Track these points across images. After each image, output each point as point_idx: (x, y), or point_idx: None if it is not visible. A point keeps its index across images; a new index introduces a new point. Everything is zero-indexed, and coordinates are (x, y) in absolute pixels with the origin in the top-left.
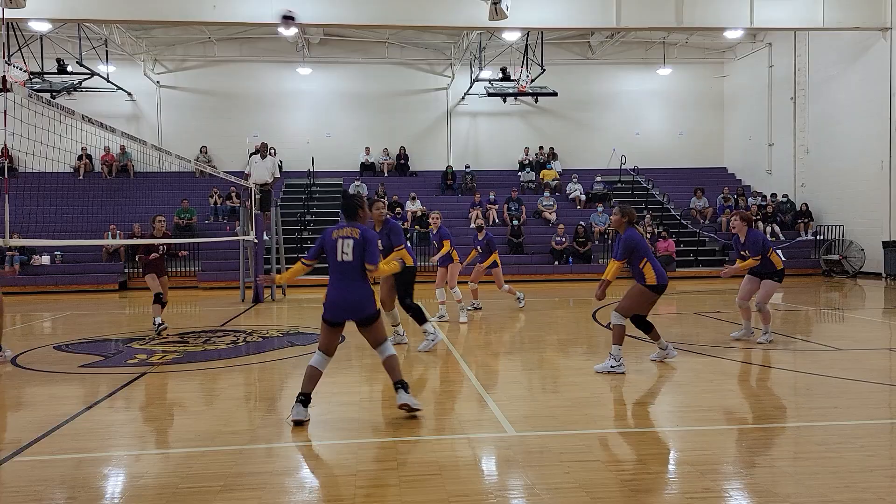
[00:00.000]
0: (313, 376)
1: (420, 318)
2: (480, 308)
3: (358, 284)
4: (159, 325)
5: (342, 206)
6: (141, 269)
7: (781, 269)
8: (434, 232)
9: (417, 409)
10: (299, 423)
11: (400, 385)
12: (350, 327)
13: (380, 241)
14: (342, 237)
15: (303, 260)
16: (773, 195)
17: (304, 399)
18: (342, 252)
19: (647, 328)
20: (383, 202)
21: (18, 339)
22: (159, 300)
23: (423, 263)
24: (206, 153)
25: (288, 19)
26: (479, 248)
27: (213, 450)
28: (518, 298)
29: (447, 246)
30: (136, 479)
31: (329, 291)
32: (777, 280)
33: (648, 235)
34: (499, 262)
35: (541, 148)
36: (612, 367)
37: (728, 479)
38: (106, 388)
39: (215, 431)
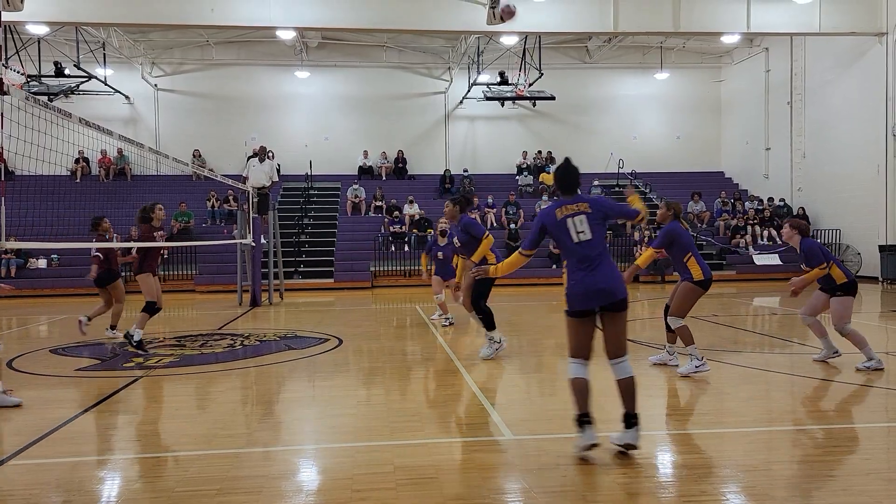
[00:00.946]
0: (583, 390)
1: (490, 323)
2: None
3: (608, 263)
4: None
5: (562, 178)
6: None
7: (845, 283)
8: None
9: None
10: (592, 447)
11: (633, 420)
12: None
13: (456, 239)
14: (570, 215)
15: (521, 251)
16: (770, 199)
17: (587, 419)
18: (577, 232)
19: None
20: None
21: (14, 343)
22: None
23: (419, 267)
24: (200, 156)
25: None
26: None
27: (210, 453)
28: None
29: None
30: (132, 482)
31: (574, 279)
32: (842, 294)
33: (646, 238)
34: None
35: (539, 152)
36: (697, 367)
37: (725, 483)
38: (102, 392)
39: (212, 435)
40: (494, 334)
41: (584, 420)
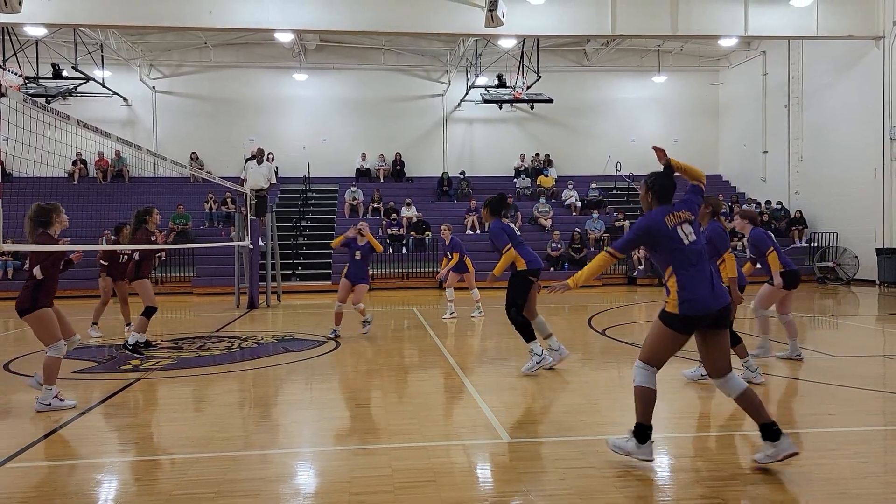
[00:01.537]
0: (653, 401)
1: (527, 334)
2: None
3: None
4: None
5: (662, 188)
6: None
7: (783, 272)
8: (448, 243)
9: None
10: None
11: (774, 430)
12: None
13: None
14: (678, 223)
15: (609, 251)
16: (768, 202)
17: (648, 430)
18: (688, 237)
19: (735, 339)
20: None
21: (11, 345)
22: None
23: (421, 270)
24: (197, 158)
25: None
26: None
27: (207, 456)
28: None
29: (455, 258)
30: (129, 485)
31: (693, 286)
32: (771, 284)
33: None
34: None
35: (536, 154)
36: (703, 375)
37: (723, 486)
38: (99, 394)
39: (209, 437)
40: (535, 346)
41: (648, 432)
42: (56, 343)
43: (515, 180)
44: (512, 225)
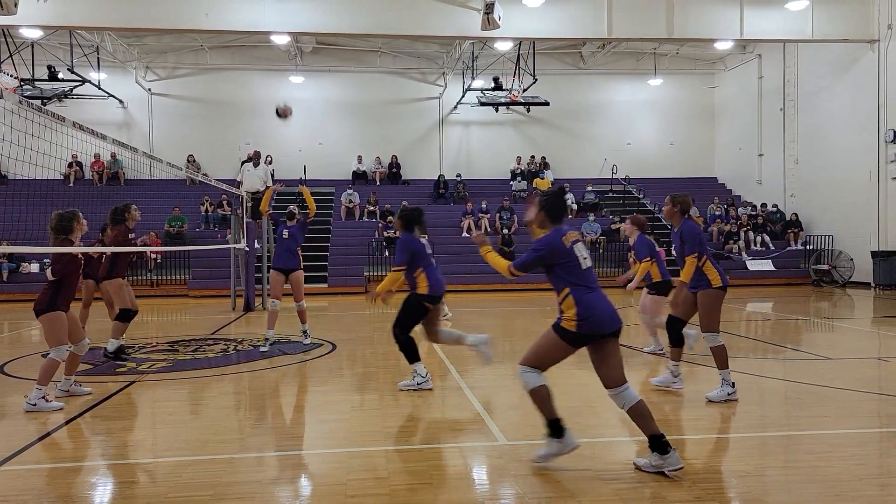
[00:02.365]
0: (551, 395)
1: (411, 355)
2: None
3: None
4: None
5: (555, 208)
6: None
7: (659, 282)
8: None
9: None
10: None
11: (662, 443)
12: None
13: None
14: (573, 242)
15: (510, 268)
16: (763, 205)
17: (560, 423)
18: (583, 258)
19: (678, 342)
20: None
21: (6, 347)
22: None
23: None
24: (194, 161)
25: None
26: None
27: (203, 459)
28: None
29: None
30: (124, 488)
31: (591, 303)
32: (653, 292)
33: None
34: None
35: (532, 157)
36: (729, 393)
37: (719, 488)
38: (94, 397)
39: (205, 440)
40: (418, 367)
41: (560, 425)
42: (59, 346)
43: (512, 183)
44: (425, 242)
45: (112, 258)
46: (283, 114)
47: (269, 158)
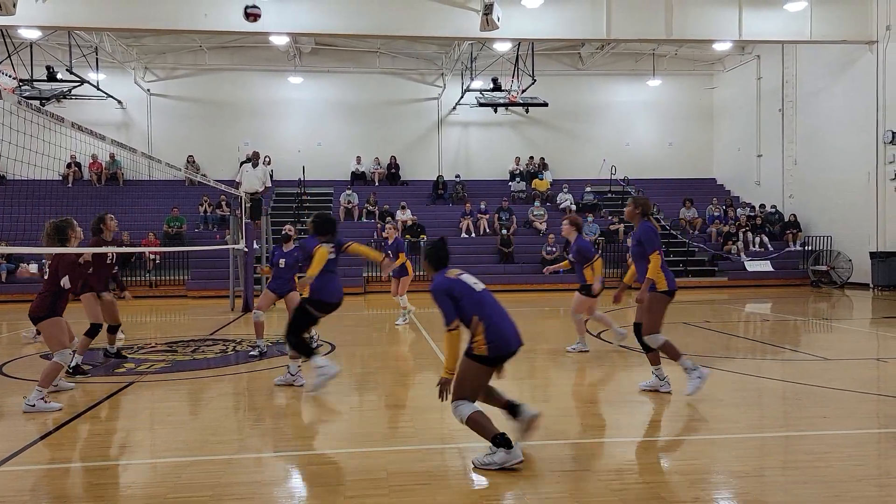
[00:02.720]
0: (486, 416)
1: (306, 352)
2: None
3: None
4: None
5: (438, 258)
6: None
7: (591, 285)
8: (391, 242)
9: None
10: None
11: (505, 439)
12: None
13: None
14: (459, 274)
15: (448, 329)
16: (762, 206)
17: (505, 436)
18: (474, 283)
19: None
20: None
21: (4, 348)
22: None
23: (416, 273)
24: (194, 162)
25: (251, 14)
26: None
27: (202, 459)
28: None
29: (402, 258)
30: (123, 488)
31: (498, 325)
32: (584, 293)
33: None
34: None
35: (531, 158)
36: (698, 377)
37: (717, 489)
38: (93, 398)
39: (203, 441)
40: (316, 360)
41: (507, 437)
42: (63, 350)
43: (510, 184)
44: (330, 249)
45: (90, 271)
46: (251, 15)
47: (267, 159)
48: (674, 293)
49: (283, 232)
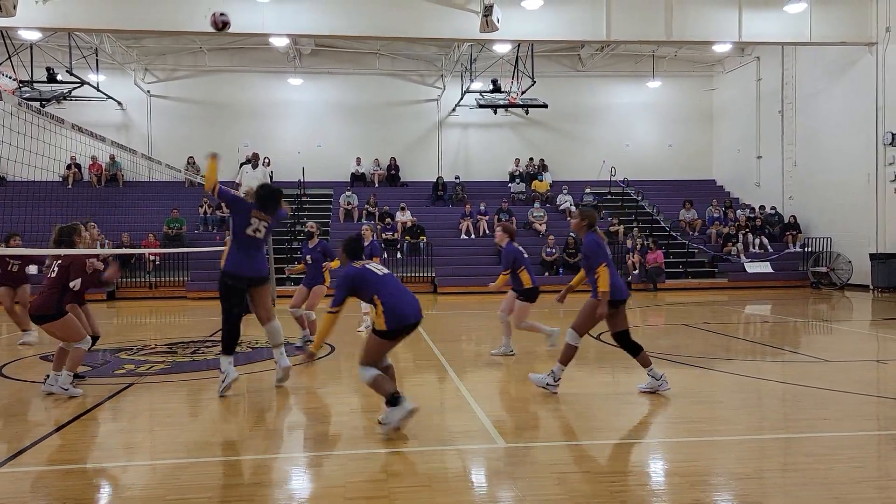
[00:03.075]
0: (386, 378)
1: (229, 346)
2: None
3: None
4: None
5: (353, 250)
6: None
7: (529, 289)
8: (365, 244)
9: None
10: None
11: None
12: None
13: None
14: (366, 263)
15: (328, 311)
16: (762, 207)
17: (398, 394)
18: (378, 270)
19: (635, 350)
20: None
21: (4, 349)
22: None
23: (415, 274)
24: (194, 163)
25: (220, 24)
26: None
27: (202, 461)
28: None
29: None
30: (123, 490)
31: (395, 304)
32: (522, 299)
33: (638, 246)
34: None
35: (531, 159)
36: (547, 384)
37: (718, 491)
38: (93, 399)
39: (203, 442)
40: (224, 361)
41: (398, 395)
42: (84, 337)
43: (510, 185)
44: (254, 223)
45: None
46: (217, 25)
47: (266, 160)
48: (618, 303)
49: (307, 229)
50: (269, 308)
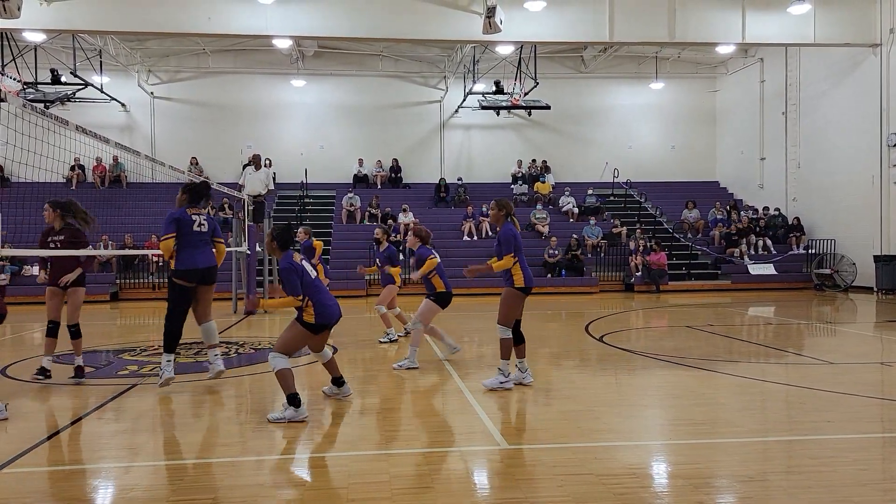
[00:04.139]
0: (291, 375)
1: (170, 344)
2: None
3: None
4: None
5: (283, 240)
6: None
7: (442, 293)
8: (381, 250)
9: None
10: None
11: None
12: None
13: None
14: (301, 259)
15: (298, 299)
16: (766, 209)
17: (297, 396)
18: (311, 270)
19: (518, 340)
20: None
21: (8, 350)
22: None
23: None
24: (197, 164)
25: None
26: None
27: (204, 462)
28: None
29: (396, 270)
30: (126, 491)
31: (325, 303)
32: (434, 301)
33: (641, 248)
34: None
35: (534, 161)
36: (500, 383)
37: (721, 493)
38: (96, 400)
39: (206, 443)
40: (165, 357)
41: (298, 398)
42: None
43: (513, 186)
44: (195, 218)
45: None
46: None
47: (267, 161)
48: (529, 290)
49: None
50: (209, 308)
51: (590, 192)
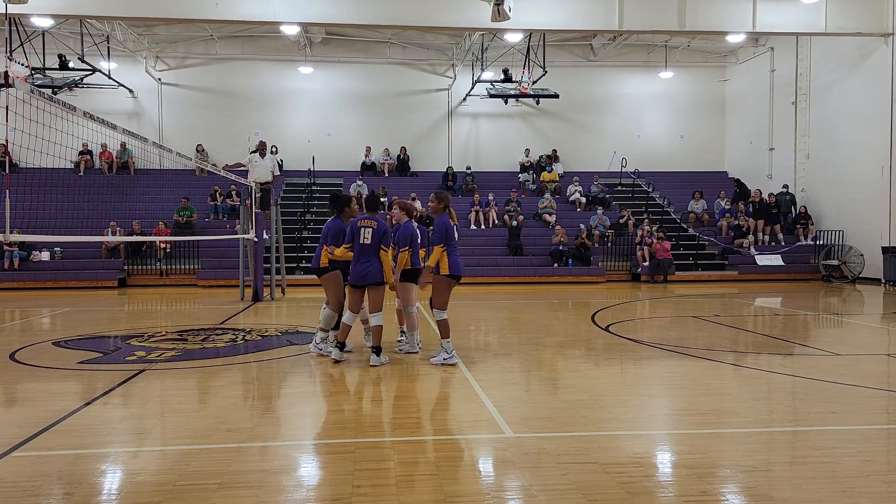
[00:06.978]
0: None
1: None
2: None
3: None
4: None
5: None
6: None
7: (407, 270)
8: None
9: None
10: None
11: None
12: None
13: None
14: (365, 226)
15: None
16: (771, 194)
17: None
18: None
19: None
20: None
21: (17, 335)
22: None
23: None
24: (203, 151)
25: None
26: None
27: (211, 447)
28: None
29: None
30: (133, 475)
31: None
32: (406, 280)
33: (648, 238)
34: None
35: (541, 151)
36: (444, 359)
37: (725, 483)
38: (104, 385)
39: (213, 429)
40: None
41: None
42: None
43: (520, 175)
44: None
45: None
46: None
47: (273, 148)
48: (458, 277)
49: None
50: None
51: (597, 181)
